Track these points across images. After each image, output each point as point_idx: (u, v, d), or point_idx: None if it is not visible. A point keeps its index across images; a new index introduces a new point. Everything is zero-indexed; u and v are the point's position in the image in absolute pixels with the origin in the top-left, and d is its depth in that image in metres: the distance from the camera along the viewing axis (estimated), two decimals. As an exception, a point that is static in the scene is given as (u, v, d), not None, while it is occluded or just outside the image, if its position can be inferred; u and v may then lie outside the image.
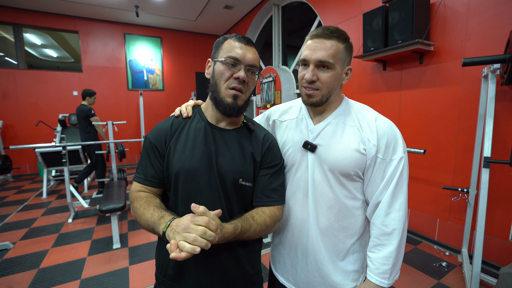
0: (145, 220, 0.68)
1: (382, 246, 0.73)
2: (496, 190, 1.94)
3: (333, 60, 0.72)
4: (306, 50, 0.75)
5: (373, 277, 0.72)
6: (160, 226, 0.62)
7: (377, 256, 0.73)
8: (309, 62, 0.74)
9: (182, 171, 0.73)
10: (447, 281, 1.87)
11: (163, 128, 0.79)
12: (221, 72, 0.74)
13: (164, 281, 0.78)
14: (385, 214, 0.73)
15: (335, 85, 0.75)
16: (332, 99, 0.78)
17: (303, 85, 0.77)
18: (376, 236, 0.74)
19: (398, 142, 0.75)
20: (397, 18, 2.23)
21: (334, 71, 0.73)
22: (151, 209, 0.69)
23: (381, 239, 0.73)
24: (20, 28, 4.99)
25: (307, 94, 0.76)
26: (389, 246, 0.71)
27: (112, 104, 5.76)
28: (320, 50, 0.72)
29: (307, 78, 0.74)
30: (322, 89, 0.74)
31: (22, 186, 4.48)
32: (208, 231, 0.56)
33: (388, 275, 0.71)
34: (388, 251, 0.71)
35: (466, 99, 2.08)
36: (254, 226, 0.71)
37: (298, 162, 0.81)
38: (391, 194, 0.72)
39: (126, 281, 1.89)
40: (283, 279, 0.89)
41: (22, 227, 2.82)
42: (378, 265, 0.72)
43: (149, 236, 2.59)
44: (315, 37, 0.74)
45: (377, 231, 0.74)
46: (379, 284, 0.71)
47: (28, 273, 1.99)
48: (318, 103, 0.76)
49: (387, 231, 0.72)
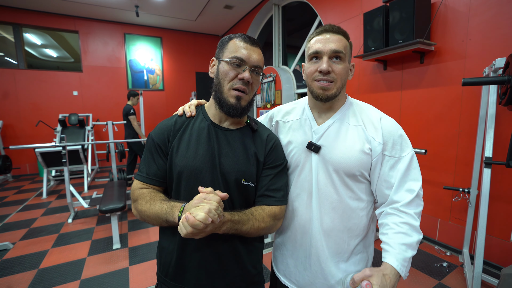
0: (154, 213, 0.68)
1: (405, 235, 0.68)
2: (497, 191, 1.94)
3: (345, 51, 0.74)
4: (317, 43, 0.75)
5: (393, 261, 0.64)
6: (174, 214, 0.64)
7: (399, 242, 0.67)
8: (323, 54, 0.73)
9: (185, 170, 0.73)
10: (448, 281, 1.86)
11: (166, 126, 0.78)
12: (225, 72, 0.74)
13: (166, 280, 0.78)
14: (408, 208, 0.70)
15: (345, 79, 0.77)
16: (340, 95, 0.78)
17: (315, 78, 0.75)
18: (397, 224, 0.70)
19: (405, 140, 0.75)
20: (398, 17, 2.22)
21: (345, 64, 0.75)
22: (157, 202, 0.69)
23: (404, 227, 0.69)
24: (20, 28, 4.98)
25: (322, 87, 0.74)
26: (413, 237, 0.68)
27: (112, 104, 5.76)
28: (333, 42, 0.73)
29: (323, 68, 0.72)
30: (336, 81, 0.74)
31: (22, 186, 4.48)
32: (219, 207, 0.60)
33: (407, 263, 0.66)
34: (411, 241, 0.67)
35: (467, 99, 2.08)
36: (252, 220, 0.71)
37: (302, 163, 0.81)
38: (416, 192, 0.71)
39: (126, 281, 1.89)
40: (286, 280, 0.88)
41: (22, 227, 2.81)
42: (400, 250, 0.66)
43: (149, 236, 2.59)
44: (324, 31, 0.75)
45: (398, 219, 0.70)
46: (398, 271, 0.64)
47: (28, 274, 1.98)
48: (333, 96, 0.75)
49: (412, 223, 0.69)
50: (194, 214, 0.56)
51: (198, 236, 0.60)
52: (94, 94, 5.60)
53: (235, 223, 0.68)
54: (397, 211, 0.71)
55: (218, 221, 0.59)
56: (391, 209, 0.72)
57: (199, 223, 0.55)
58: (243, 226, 0.69)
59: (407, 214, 0.70)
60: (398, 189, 0.72)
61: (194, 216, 0.56)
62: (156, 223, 0.71)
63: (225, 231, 0.66)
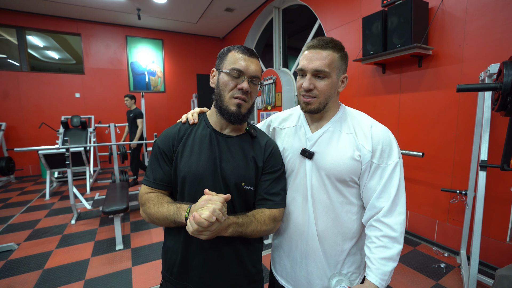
0: (162, 215, 0.73)
1: (384, 248, 0.74)
2: (493, 193, 1.97)
3: (329, 69, 0.76)
4: (303, 60, 0.79)
5: (373, 277, 0.73)
6: (181, 215, 0.68)
7: (378, 257, 0.73)
8: (306, 72, 0.77)
9: (188, 175, 0.78)
10: (445, 282, 1.89)
11: (171, 134, 0.83)
12: (225, 83, 0.78)
13: (171, 278, 0.82)
14: (387, 217, 0.75)
15: (331, 92, 0.79)
16: (329, 106, 0.82)
17: (301, 93, 0.80)
18: (378, 237, 0.75)
19: (393, 148, 0.77)
20: (396, 22, 2.26)
21: (330, 80, 0.77)
22: (165, 205, 0.74)
23: (384, 241, 0.74)
24: (23, 31, 5.04)
25: (305, 102, 0.80)
26: (392, 249, 0.73)
27: (114, 106, 5.81)
28: (316, 60, 0.76)
29: (304, 86, 0.77)
30: (319, 97, 0.78)
31: (25, 187, 4.52)
32: (223, 207, 0.65)
33: (387, 277, 0.73)
34: (390, 253, 0.73)
35: (464, 102, 2.11)
36: (255, 223, 0.75)
37: (297, 168, 0.85)
38: (393, 199, 0.74)
39: (130, 281, 1.93)
40: (283, 281, 0.92)
41: (26, 228, 2.86)
42: (379, 265, 0.73)
43: (151, 237, 2.63)
44: (311, 48, 0.78)
45: (378, 233, 0.75)
46: (377, 285, 0.72)
47: (33, 274, 2.02)
48: (316, 110, 0.79)
49: (391, 235, 0.74)
50: (199, 213, 0.62)
51: (205, 235, 0.64)
52: (96, 96, 5.65)
53: (240, 225, 0.72)
54: (378, 223, 0.76)
55: (223, 219, 0.64)
56: (374, 221, 0.77)
57: (204, 221, 0.60)
58: (247, 228, 0.73)
59: (386, 226, 0.74)
60: (380, 195, 0.76)
61: (199, 214, 0.61)
62: (165, 224, 0.76)
63: (231, 233, 0.70)
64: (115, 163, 3.58)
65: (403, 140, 2.59)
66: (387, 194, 0.75)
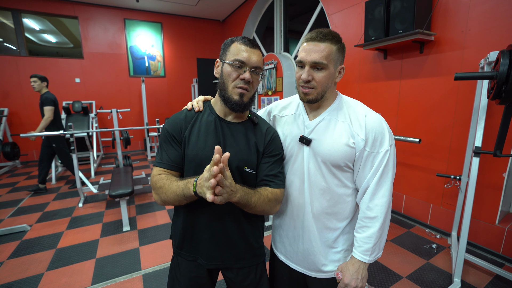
0: (173, 192, 0.78)
1: (366, 228, 0.83)
2: (486, 178, 2.04)
3: (327, 61, 0.79)
4: (301, 52, 0.82)
5: (357, 254, 0.83)
6: (190, 189, 0.73)
7: (361, 236, 0.83)
8: (305, 64, 0.81)
9: (196, 159, 0.84)
10: (435, 261, 2.01)
11: (179, 119, 0.88)
12: (228, 73, 0.82)
13: (181, 253, 0.92)
14: (370, 200, 0.82)
15: (329, 83, 0.83)
16: (326, 96, 0.86)
17: (300, 84, 0.84)
18: (361, 219, 0.84)
19: (385, 136, 0.82)
20: (399, 7, 2.23)
21: (327, 71, 0.81)
22: (174, 182, 0.79)
23: (365, 221, 0.83)
24: (20, 14, 4.94)
25: (303, 92, 0.84)
26: (371, 228, 0.82)
27: (115, 91, 5.80)
28: (314, 52, 0.79)
29: (303, 78, 0.81)
30: (317, 88, 0.82)
31: (31, 172, 4.63)
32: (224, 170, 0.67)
33: (370, 252, 0.82)
34: (370, 232, 0.82)
35: (463, 90, 2.13)
36: (258, 194, 0.81)
37: (296, 154, 0.91)
38: (376, 183, 0.81)
39: (138, 260, 2.05)
40: (283, 257, 1.01)
41: (36, 211, 2.98)
42: (361, 243, 0.83)
43: (156, 219, 2.74)
44: (310, 40, 0.80)
45: (362, 214, 0.84)
46: (361, 260, 0.82)
47: (48, 253, 2.15)
48: (314, 100, 0.84)
49: (370, 215, 0.82)
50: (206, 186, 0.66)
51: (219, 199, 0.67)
52: (96, 81, 5.62)
53: (246, 193, 0.77)
54: (362, 205, 0.84)
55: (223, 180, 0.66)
56: (360, 204, 0.85)
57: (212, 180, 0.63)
58: (252, 197, 0.79)
59: (368, 208, 0.83)
60: (369, 181, 0.83)
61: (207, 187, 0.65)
62: (176, 202, 0.81)
63: (239, 198, 0.74)
64: (118, 148, 3.64)
65: (402, 126, 2.63)
66: (374, 178, 0.82)
